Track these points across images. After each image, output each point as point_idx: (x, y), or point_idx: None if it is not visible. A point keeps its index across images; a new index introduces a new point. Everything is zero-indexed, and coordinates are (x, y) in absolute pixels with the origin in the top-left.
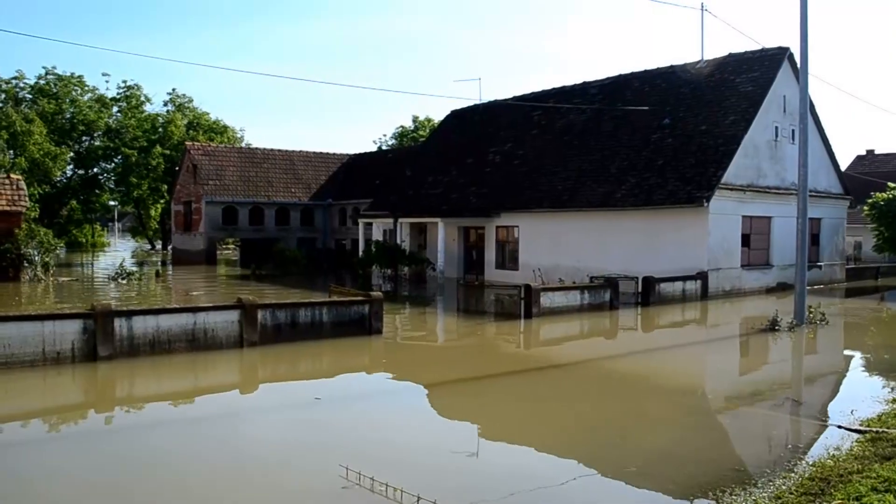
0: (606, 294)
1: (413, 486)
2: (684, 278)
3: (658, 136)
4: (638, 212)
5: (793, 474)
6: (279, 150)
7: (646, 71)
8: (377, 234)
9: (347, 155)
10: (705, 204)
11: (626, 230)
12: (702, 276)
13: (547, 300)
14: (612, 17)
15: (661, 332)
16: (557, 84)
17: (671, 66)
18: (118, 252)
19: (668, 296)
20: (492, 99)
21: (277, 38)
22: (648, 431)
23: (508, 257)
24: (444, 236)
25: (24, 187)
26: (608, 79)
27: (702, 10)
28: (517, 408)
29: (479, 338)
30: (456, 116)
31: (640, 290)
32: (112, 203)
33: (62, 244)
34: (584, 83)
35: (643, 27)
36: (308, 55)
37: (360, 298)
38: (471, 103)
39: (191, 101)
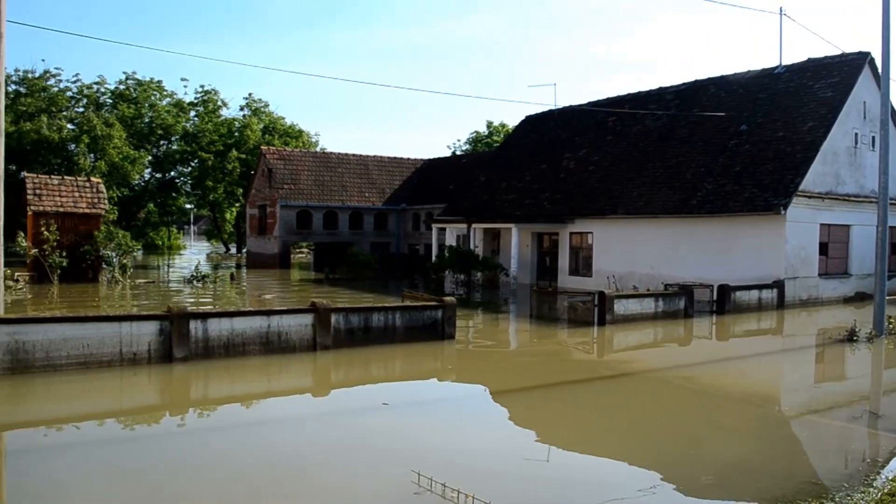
0: (681, 302)
1: (484, 494)
2: (760, 287)
3: (735, 142)
4: (714, 219)
5: (871, 489)
6: (354, 155)
7: (722, 76)
8: (450, 240)
9: (422, 160)
10: (782, 212)
11: (702, 237)
12: (778, 285)
13: (621, 307)
14: (689, 23)
15: (737, 342)
16: (633, 89)
17: (748, 72)
18: (193, 255)
19: (743, 304)
20: (567, 104)
21: (353, 43)
22: (723, 442)
23: (582, 264)
24: (517, 242)
25: (104, 190)
26: (684, 84)
27: (780, 14)
28: (589, 416)
29: (552, 344)
30: (530, 122)
31: (715, 298)
32: (188, 206)
33: (140, 246)
34: (660, 89)
35: (721, 32)
36: (383, 60)
37: (433, 303)
38: (546, 109)
39: (266, 105)
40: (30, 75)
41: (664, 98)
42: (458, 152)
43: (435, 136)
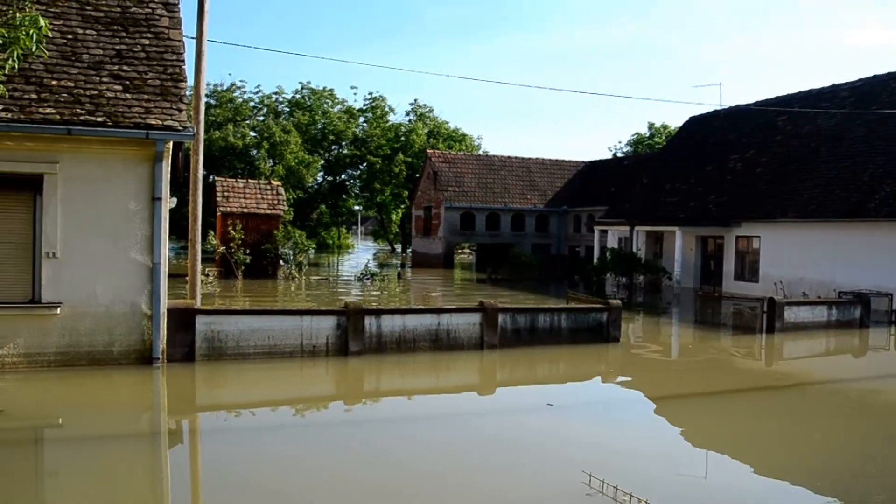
0: (856, 311)
1: (654, 498)
2: None
3: None
4: (894, 223)
5: None
6: (516, 158)
7: None
8: (612, 242)
9: (583, 162)
10: None
11: (880, 243)
12: None
13: (791, 315)
14: (863, 17)
15: None
16: (804, 87)
17: None
18: (361, 254)
19: None
20: (733, 104)
21: (515, 47)
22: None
23: (748, 268)
24: (681, 245)
25: (283, 193)
26: (860, 80)
27: None
28: (753, 426)
29: (716, 351)
30: (695, 122)
31: (894, 308)
32: (356, 208)
33: (314, 245)
34: (833, 86)
35: None
36: (544, 63)
37: (598, 306)
38: (710, 109)
39: (431, 110)
40: (219, 88)
41: (838, 96)
42: (618, 154)
43: (596, 138)
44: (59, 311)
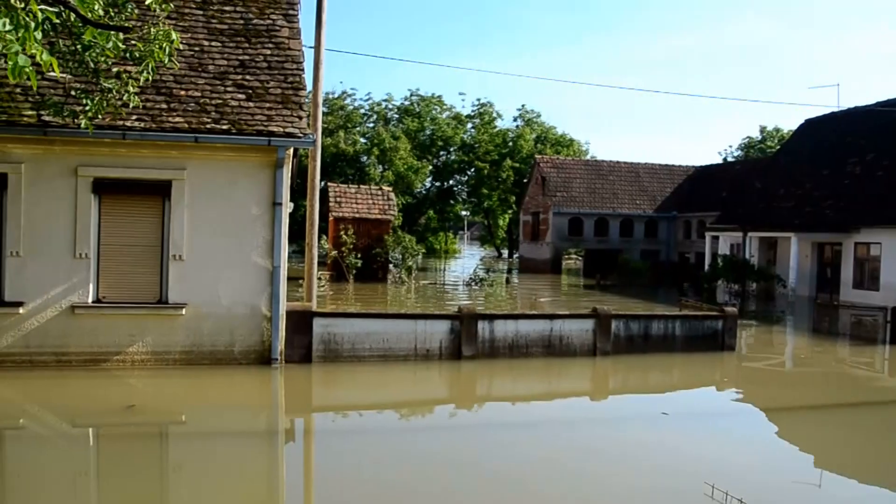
0: None
1: None
2: None
3: None
4: None
5: None
6: (624, 163)
7: None
8: (723, 248)
9: (693, 167)
10: None
11: None
12: None
13: None
14: None
15: None
16: None
17: None
18: (468, 259)
19: None
20: (851, 105)
21: (622, 51)
22: None
23: (868, 276)
24: (796, 252)
25: (394, 198)
26: None
27: None
28: (876, 441)
29: (834, 362)
30: (810, 125)
31: None
32: (464, 213)
33: (423, 250)
34: None
35: None
36: (652, 66)
37: (713, 313)
38: (827, 111)
39: (538, 115)
40: (330, 96)
41: None
42: (729, 158)
43: (707, 143)
44: (184, 311)
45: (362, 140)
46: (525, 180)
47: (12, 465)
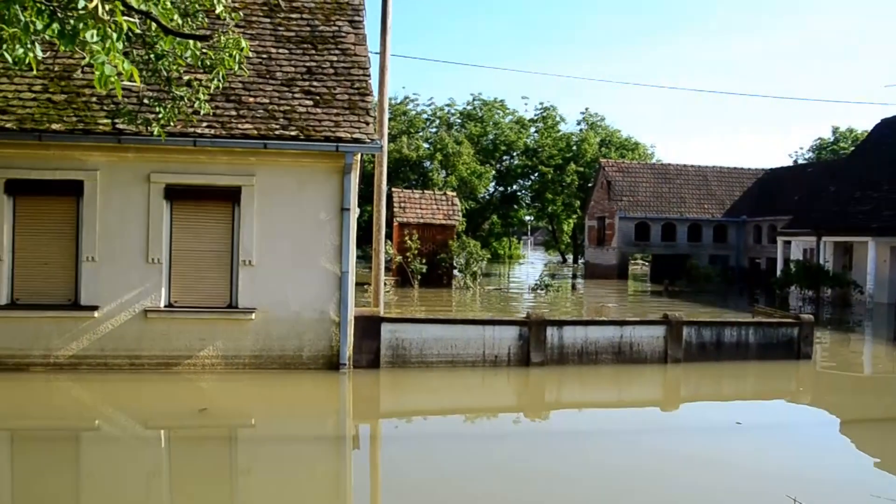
0: None
1: None
2: None
3: None
4: None
5: None
6: (692, 166)
7: None
8: (796, 253)
9: (762, 170)
10: None
11: None
12: None
13: None
14: None
15: None
16: None
17: None
18: (532, 264)
19: None
20: None
21: (690, 53)
22: None
23: None
24: (874, 257)
25: (458, 203)
26: None
27: None
28: None
29: None
30: (887, 126)
31: None
32: (527, 218)
33: (487, 255)
34: None
35: None
36: (719, 68)
37: (788, 320)
38: None
39: (602, 119)
40: (393, 101)
41: None
42: (800, 161)
43: (776, 146)
44: (253, 316)
45: (425, 145)
46: (590, 184)
47: (88, 465)
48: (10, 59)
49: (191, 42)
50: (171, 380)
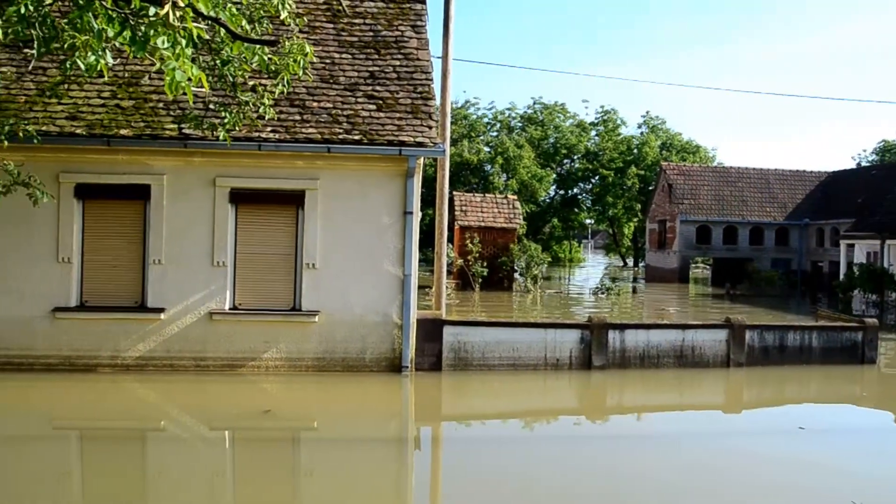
0: None
1: None
2: None
3: None
4: None
5: None
6: (753, 169)
7: None
8: (859, 257)
9: (825, 172)
10: None
11: None
12: None
13: None
14: None
15: None
16: None
17: None
18: (592, 267)
19: None
20: None
21: (751, 56)
22: None
23: None
24: None
25: (519, 206)
26: None
27: None
28: None
29: None
30: None
31: None
32: (588, 221)
33: (548, 258)
34: None
35: None
36: (783, 70)
37: (852, 325)
38: None
39: (663, 122)
40: (454, 105)
41: None
42: (864, 163)
43: (840, 148)
44: (317, 318)
45: (486, 149)
46: (650, 188)
47: (154, 464)
48: (82, 66)
49: (258, 47)
50: (235, 381)
